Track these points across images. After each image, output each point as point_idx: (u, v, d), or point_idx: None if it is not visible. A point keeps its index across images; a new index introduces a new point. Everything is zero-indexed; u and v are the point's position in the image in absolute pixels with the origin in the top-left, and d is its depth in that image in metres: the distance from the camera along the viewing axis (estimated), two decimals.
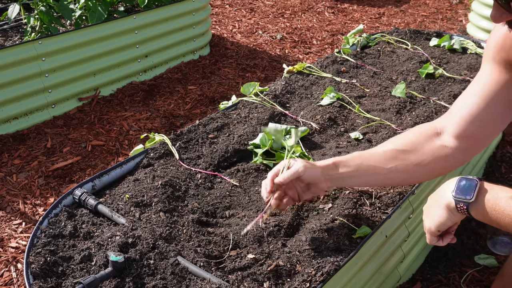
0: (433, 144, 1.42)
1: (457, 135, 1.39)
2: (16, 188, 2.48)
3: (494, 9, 1.05)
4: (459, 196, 1.17)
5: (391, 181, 1.49)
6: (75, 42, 3.05)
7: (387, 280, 1.77)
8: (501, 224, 1.14)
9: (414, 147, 1.42)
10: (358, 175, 1.42)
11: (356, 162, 1.42)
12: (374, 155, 1.43)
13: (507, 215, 1.12)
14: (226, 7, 5.17)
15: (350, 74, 2.51)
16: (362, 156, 1.43)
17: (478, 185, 1.17)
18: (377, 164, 1.41)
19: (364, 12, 5.18)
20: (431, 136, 1.43)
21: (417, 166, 1.42)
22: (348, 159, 1.42)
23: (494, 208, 1.14)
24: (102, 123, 3.02)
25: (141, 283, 1.28)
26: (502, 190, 1.16)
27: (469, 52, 2.77)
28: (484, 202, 1.15)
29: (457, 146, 1.40)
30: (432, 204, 1.26)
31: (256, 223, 1.43)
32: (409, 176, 1.46)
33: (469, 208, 1.17)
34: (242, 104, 2.17)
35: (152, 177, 1.65)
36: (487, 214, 1.15)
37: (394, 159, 1.41)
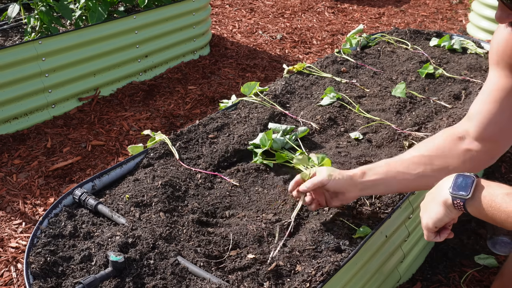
0: (459, 148, 1.44)
1: (478, 138, 1.42)
2: (16, 188, 2.48)
3: (499, 9, 1.06)
4: (456, 192, 1.18)
5: (418, 186, 1.50)
6: (75, 42, 3.05)
7: (387, 280, 1.77)
8: (497, 220, 1.15)
9: (440, 152, 1.44)
10: (386, 182, 1.44)
11: (384, 169, 1.43)
12: (401, 161, 1.45)
13: (503, 212, 1.13)
14: (226, 7, 5.17)
15: (350, 74, 2.51)
16: (389, 163, 1.45)
17: (475, 182, 1.18)
18: (404, 170, 1.43)
19: (364, 12, 5.18)
20: (456, 141, 1.45)
21: (444, 171, 1.42)
22: (376, 167, 1.45)
23: (490, 204, 1.15)
24: (102, 123, 3.02)
25: (141, 283, 1.28)
26: (498, 187, 1.17)
27: (469, 52, 2.77)
28: (481, 199, 1.16)
29: (481, 148, 1.43)
30: (430, 201, 1.27)
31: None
32: (437, 180, 1.44)
33: (466, 204, 1.18)
34: (242, 104, 2.17)
35: (152, 177, 1.65)
36: (483, 211, 1.16)
37: (421, 165, 1.43)
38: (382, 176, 1.43)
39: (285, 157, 1.81)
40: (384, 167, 1.43)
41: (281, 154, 1.81)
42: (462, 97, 2.29)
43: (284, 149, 1.87)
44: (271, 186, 1.70)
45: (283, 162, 1.81)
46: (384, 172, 1.43)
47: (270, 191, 1.67)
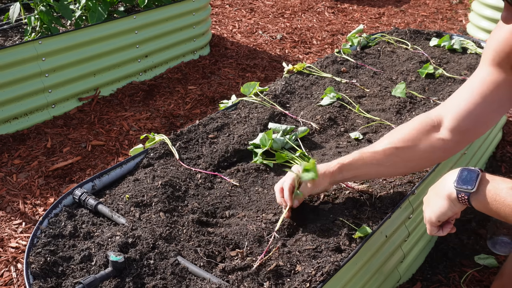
0: (431, 137, 1.48)
1: (453, 129, 1.45)
2: (16, 188, 2.48)
3: (505, 10, 1.08)
4: (460, 186, 1.20)
5: (392, 174, 1.63)
6: (75, 42, 3.05)
7: (387, 280, 1.77)
8: (501, 214, 1.16)
9: (412, 142, 1.49)
10: (363, 174, 1.54)
11: (359, 163, 1.50)
12: (375, 153, 1.50)
13: (507, 206, 1.14)
14: (226, 7, 5.17)
15: (350, 74, 2.51)
16: (363, 157, 1.51)
17: (479, 176, 1.19)
18: (378, 163, 1.50)
19: (364, 12, 5.18)
20: (429, 130, 1.49)
21: (415, 160, 1.52)
22: (351, 162, 1.50)
23: (495, 198, 1.16)
24: (102, 123, 3.02)
25: (141, 283, 1.28)
26: (503, 181, 1.18)
27: (469, 52, 2.77)
28: (485, 193, 1.17)
29: (453, 139, 1.46)
30: (433, 195, 1.29)
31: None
32: (409, 168, 1.58)
33: (470, 198, 1.19)
34: (242, 104, 2.17)
35: (152, 177, 1.65)
36: (488, 205, 1.17)
37: (393, 156, 1.49)
38: (357, 171, 1.51)
39: (285, 157, 1.81)
40: (359, 161, 1.50)
41: (281, 154, 1.81)
42: None
43: (284, 149, 1.87)
44: (271, 186, 1.70)
45: (283, 162, 1.81)
46: (359, 166, 1.50)
47: (270, 191, 1.67)
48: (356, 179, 1.61)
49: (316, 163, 1.48)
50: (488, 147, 2.57)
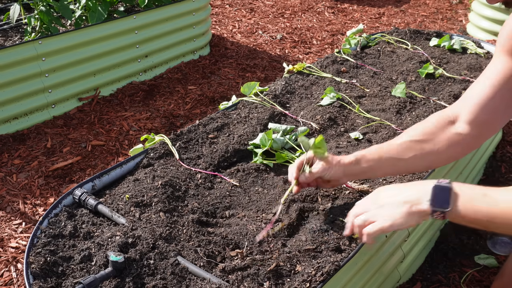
0: (448, 132, 1.48)
1: (471, 121, 1.44)
2: (16, 188, 2.48)
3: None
4: (436, 207, 1.18)
5: (409, 170, 1.58)
6: (75, 42, 3.05)
7: (387, 280, 1.77)
8: (478, 223, 1.16)
9: (429, 137, 1.48)
10: (378, 168, 1.49)
11: (376, 156, 1.48)
12: (392, 147, 1.49)
13: (484, 215, 1.15)
14: (226, 7, 5.17)
15: (350, 74, 2.51)
16: (381, 150, 1.50)
17: (452, 192, 1.17)
18: (395, 156, 1.48)
19: (364, 12, 5.19)
20: (446, 125, 1.49)
21: (433, 155, 1.49)
22: (368, 154, 1.49)
23: (471, 209, 1.16)
24: (102, 123, 3.02)
25: (141, 283, 1.28)
26: (471, 189, 1.18)
27: (469, 52, 2.77)
28: (460, 208, 1.16)
29: (470, 132, 1.46)
30: (398, 205, 1.23)
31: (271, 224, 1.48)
32: (427, 164, 1.54)
33: (446, 215, 1.18)
34: (242, 104, 2.17)
35: (152, 177, 1.65)
36: (465, 217, 1.17)
37: (411, 150, 1.48)
38: (374, 164, 1.48)
39: (285, 157, 1.81)
40: (376, 154, 1.48)
41: (281, 154, 1.81)
42: None
43: (284, 149, 1.87)
44: (271, 186, 1.70)
45: (283, 162, 1.81)
46: (376, 159, 1.48)
47: (270, 191, 1.67)
48: (372, 174, 1.54)
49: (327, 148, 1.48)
50: (488, 147, 2.57)
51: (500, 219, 1.12)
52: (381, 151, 1.48)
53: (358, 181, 1.71)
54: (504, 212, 1.12)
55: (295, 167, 1.50)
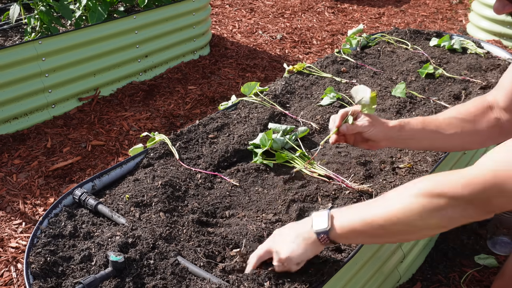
0: (489, 116, 1.50)
1: (507, 107, 1.47)
2: (16, 188, 2.48)
3: (497, 1, 1.12)
4: (317, 229, 1.23)
5: (446, 146, 1.60)
6: (75, 42, 3.05)
7: (387, 280, 1.77)
8: (360, 233, 1.20)
9: (472, 118, 1.50)
10: (419, 138, 1.51)
11: (419, 126, 1.50)
12: (436, 121, 1.51)
13: (358, 221, 1.19)
14: (226, 7, 5.17)
15: (350, 74, 2.51)
16: (425, 121, 1.51)
17: (329, 214, 1.23)
18: (438, 130, 1.50)
19: (364, 12, 5.19)
20: (486, 109, 1.51)
21: (472, 135, 1.51)
22: (412, 122, 1.50)
23: (347, 227, 1.21)
24: (102, 123, 3.02)
25: (141, 283, 1.27)
26: (347, 209, 1.25)
27: (469, 52, 2.77)
28: (337, 224, 1.22)
29: (509, 118, 1.48)
30: (294, 238, 1.27)
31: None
32: (465, 143, 1.56)
33: (330, 236, 1.22)
34: (242, 104, 2.17)
35: (152, 177, 1.65)
36: (347, 234, 1.22)
37: (454, 127, 1.50)
38: (416, 133, 1.49)
39: (285, 157, 1.81)
40: (420, 124, 1.49)
41: (281, 154, 1.81)
42: (462, 97, 2.29)
43: (284, 149, 1.87)
44: (271, 186, 1.70)
45: (283, 162, 1.81)
46: (419, 129, 1.49)
47: (270, 191, 1.67)
48: (411, 144, 1.56)
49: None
50: (488, 147, 2.57)
51: (377, 223, 1.16)
52: (425, 123, 1.50)
53: (358, 181, 1.71)
54: (376, 214, 1.16)
55: (339, 116, 1.50)
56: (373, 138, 1.48)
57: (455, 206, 1.07)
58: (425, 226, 1.11)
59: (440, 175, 1.11)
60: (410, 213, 1.11)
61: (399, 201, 1.14)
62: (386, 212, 1.14)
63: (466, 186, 1.05)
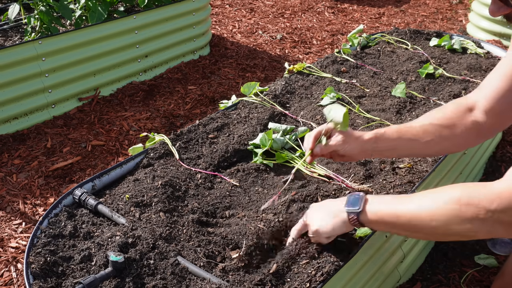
0: (466, 119, 1.48)
1: (487, 111, 1.45)
2: (16, 188, 2.48)
3: (492, 3, 1.11)
4: (349, 208, 1.28)
5: (425, 152, 1.58)
6: (75, 42, 3.05)
7: (387, 280, 1.77)
8: (388, 223, 1.23)
9: (449, 122, 1.49)
10: (396, 148, 1.51)
11: (395, 136, 1.49)
12: (412, 129, 1.50)
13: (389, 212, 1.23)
14: (226, 7, 5.17)
15: (350, 74, 2.51)
16: (400, 130, 1.50)
17: (363, 198, 1.28)
18: (414, 138, 1.48)
19: (364, 12, 5.18)
20: (464, 112, 1.49)
21: (450, 140, 1.50)
22: (388, 133, 1.49)
23: (378, 213, 1.25)
24: (102, 123, 3.02)
25: (141, 283, 1.28)
26: (381, 196, 1.28)
27: (469, 52, 2.77)
28: (368, 208, 1.26)
29: (487, 121, 1.46)
30: (326, 215, 1.35)
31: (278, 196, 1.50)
32: (442, 148, 1.55)
33: (359, 218, 1.27)
34: (242, 104, 2.17)
35: (152, 177, 1.65)
36: (378, 222, 1.25)
37: (430, 133, 1.48)
38: (392, 144, 1.48)
39: (285, 157, 1.81)
40: (396, 134, 1.49)
41: (281, 154, 1.81)
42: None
43: (284, 149, 1.87)
44: (271, 186, 1.70)
45: (283, 162, 1.81)
46: (395, 139, 1.48)
47: (270, 191, 1.67)
48: (388, 154, 1.57)
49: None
50: (488, 147, 2.57)
51: (404, 218, 1.19)
52: (401, 132, 1.49)
53: (358, 181, 1.71)
54: (406, 209, 1.19)
55: (312, 136, 1.49)
56: (348, 154, 1.49)
57: (484, 219, 1.07)
58: (449, 232, 1.13)
59: (472, 185, 1.12)
60: (438, 217, 1.13)
61: (431, 202, 1.16)
62: (415, 209, 1.17)
63: (495, 200, 1.05)
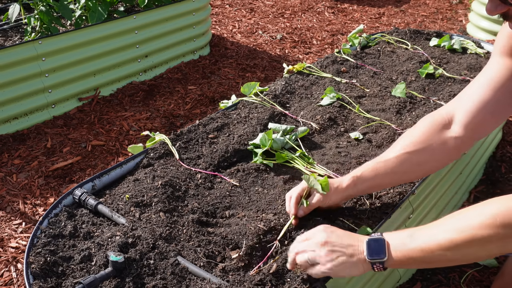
0: (443, 137, 1.46)
1: (467, 124, 1.43)
2: (16, 188, 2.48)
3: (489, 1, 1.10)
4: (373, 258, 1.19)
5: (406, 180, 1.58)
6: (75, 42, 3.05)
7: (387, 280, 1.77)
8: (417, 261, 1.16)
9: (424, 144, 1.46)
10: (376, 185, 1.49)
11: (373, 174, 1.46)
12: (388, 162, 1.47)
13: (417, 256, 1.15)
14: (226, 7, 5.17)
15: (350, 74, 2.51)
16: (376, 168, 1.47)
17: (385, 242, 1.19)
18: (392, 171, 1.46)
19: (364, 12, 5.18)
20: (440, 129, 1.47)
21: (430, 163, 1.48)
22: (364, 175, 1.46)
23: (405, 255, 1.17)
24: (102, 123, 3.02)
25: (141, 283, 1.28)
26: (398, 234, 1.20)
27: (469, 52, 2.77)
28: (395, 255, 1.17)
29: (466, 134, 1.44)
30: (345, 261, 1.21)
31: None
32: (424, 172, 1.54)
33: (385, 264, 1.19)
34: (242, 104, 2.17)
35: (152, 177, 1.65)
36: (403, 263, 1.18)
37: (407, 162, 1.46)
38: (372, 183, 1.47)
39: (285, 157, 1.81)
40: (373, 172, 1.46)
41: (281, 154, 1.81)
42: None
43: (284, 149, 1.87)
44: (271, 186, 1.70)
45: (283, 162, 1.81)
46: (372, 177, 1.46)
47: (270, 191, 1.67)
48: (371, 191, 1.55)
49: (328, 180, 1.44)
50: (488, 147, 2.57)
51: (437, 250, 1.11)
52: (377, 170, 1.46)
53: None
54: (436, 241, 1.11)
55: (293, 202, 1.46)
56: (331, 205, 1.48)
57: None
58: (487, 255, 1.08)
59: (504, 199, 1.05)
60: (475, 242, 1.06)
61: (465, 228, 1.08)
62: (450, 241, 1.09)
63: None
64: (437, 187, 1.91)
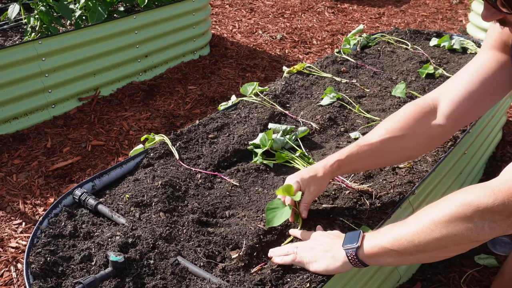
0: (427, 124, 1.48)
1: (450, 114, 1.45)
2: (16, 188, 2.48)
3: (484, 8, 1.11)
4: (347, 245, 1.25)
5: (389, 163, 1.66)
6: (75, 42, 3.05)
7: (387, 280, 1.77)
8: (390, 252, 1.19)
9: (409, 131, 1.49)
10: (359, 167, 1.57)
11: (356, 157, 1.50)
12: (372, 146, 1.50)
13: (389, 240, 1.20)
14: (226, 7, 5.17)
15: (350, 74, 2.51)
16: (360, 150, 1.51)
17: (360, 234, 1.26)
18: (375, 154, 1.50)
19: (364, 12, 5.19)
20: (425, 116, 1.49)
21: (413, 149, 1.53)
22: (348, 157, 1.50)
23: (376, 245, 1.22)
24: (102, 123, 3.03)
25: (141, 283, 1.28)
26: (376, 230, 1.27)
27: (469, 52, 2.77)
28: (367, 242, 1.23)
29: (449, 123, 1.47)
30: (324, 255, 1.29)
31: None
32: (407, 156, 1.59)
33: (358, 254, 1.23)
34: (242, 104, 2.17)
35: (152, 177, 1.65)
36: (377, 254, 1.22)
37: (390, 146, 1.50)
38: (355, 165, 1.52)
39: (285, 157, 1.81)
40: (356, 155, 1.50)
41: (281, 154, 1.81)
42: None
43: (284, 149, 1.87)
44: (271, 186, 1.70)
45: (283, 162, 1.81)
46: (357, 159, 1.50)
47: (270, 191, 1.67)
48: (353, 172, 1.64)
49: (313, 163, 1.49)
50: (488, 147, 2.57)
51: (405, 239, 1.15)
52: (362, 152, 1.50)
53: (358, 181, 1.71)
54: (406, 230, 1.16)
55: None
56: (318, 194, 1.51)
57: (483, 217, 1.07)
58: (455, 239, 1.12)
59: (467, 187, 1.11)
60: (439, 224, 1.11)
61: (426, 217, 1.14)
62: (416, 226, 1.15)
63: (492, 196, 1.05)
64: (437, 187, 1.91)
